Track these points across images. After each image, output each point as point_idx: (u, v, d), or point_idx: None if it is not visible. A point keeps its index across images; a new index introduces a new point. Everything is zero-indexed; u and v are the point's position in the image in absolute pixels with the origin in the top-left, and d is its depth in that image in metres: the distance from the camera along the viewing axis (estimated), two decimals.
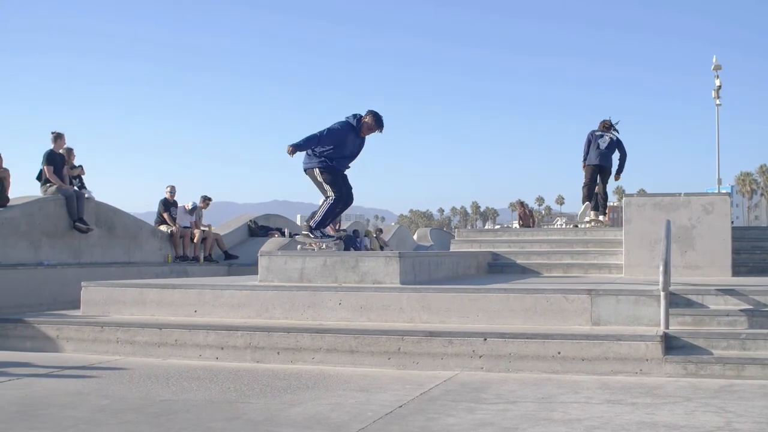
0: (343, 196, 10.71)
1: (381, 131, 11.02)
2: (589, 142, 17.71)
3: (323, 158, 10.62)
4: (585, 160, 17.79)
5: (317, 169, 10.66)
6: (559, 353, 7.76)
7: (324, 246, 10.76)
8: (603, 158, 17.62)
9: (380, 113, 10.94)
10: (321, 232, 10.90)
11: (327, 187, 10.65)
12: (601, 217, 18.33)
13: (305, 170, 10.83)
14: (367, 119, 10.85)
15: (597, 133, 17.70)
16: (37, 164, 17.32)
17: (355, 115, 10.90)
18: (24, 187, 17.76)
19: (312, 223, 10.80)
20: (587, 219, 18.37)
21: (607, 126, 17.85)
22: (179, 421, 5.87)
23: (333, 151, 10.63)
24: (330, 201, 10.67)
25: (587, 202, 18.00)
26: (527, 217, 35.28)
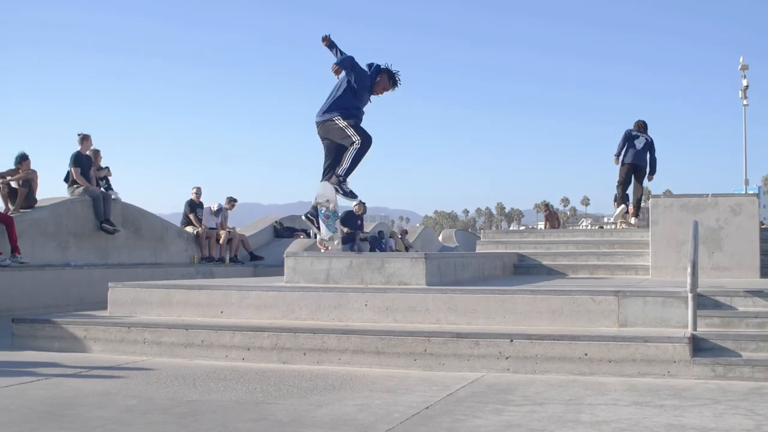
0: (367, 139, 10.20)
1: (394, 89, 10.63)
2: (625, 140, 17.64)
3: (342, 108, 10.18)
4: (619, 155, 17.73)
5: (338, 117, 10.15)
6: (586, 355, 7.73)
7: (331, 241, 10.65)
8: (638, 158, 17.59)
9: (392, 69, 10.50)
10: (347, 188, 10.44)
11: (351, 131, 10.13)
12: (632, 219, 18.27)
13: (323, 122, 10.25)
14: (381, 79, 10.45)
15: (633, 133, 17.63)
16: (64, 166, 17.44)
17: (370, 66, 10.47)
18: (51, 188, 17.88)
19: (341, 172, 10.25)
20: (617, 219, 18.33)
21: (642, 126, 17.79)
22: (206, 422, 5.88)
23: (351, 102, 10.22)
24: (356, 146, 10.14)
25: (623, 205, 17.92)
26: (553, 219, 35.21)
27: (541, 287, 9.43)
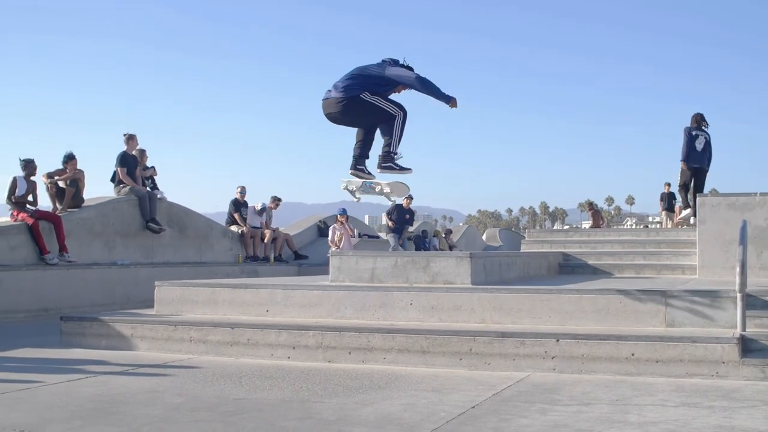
0: (405, 110, 9.32)
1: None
2: (689, 140, 17.30)
3: (369, 86, 9.20)
4: (685, 160, 17.38)
5: (366, 93, 9.13)
6: (632, 355, 7.67)
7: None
8: (700, 160, 17.29)
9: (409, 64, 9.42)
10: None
11: (387, 104, 9.22)
12: (692, 220, 18.09)
13: (349, 99, 9.12)
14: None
15: (693, 133, 17.32)
16: (111, 166, 17.60)
17: (394, 62, 9.37)
18: (98, 188, 18.08)
19: (393, 149, 9.34)
20: (680, 218, 18.13)
21: (699, 120, 17.43)
22: (252, 420, 5.91)
23: (378, 86, 9.24)
24: (400, 117, 9.30)
25: (688, 209, 17.67)
26: (597, 217, 35.03)
27: (587, 287, 9.38)
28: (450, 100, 8.95)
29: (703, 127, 17.41)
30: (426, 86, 9.05)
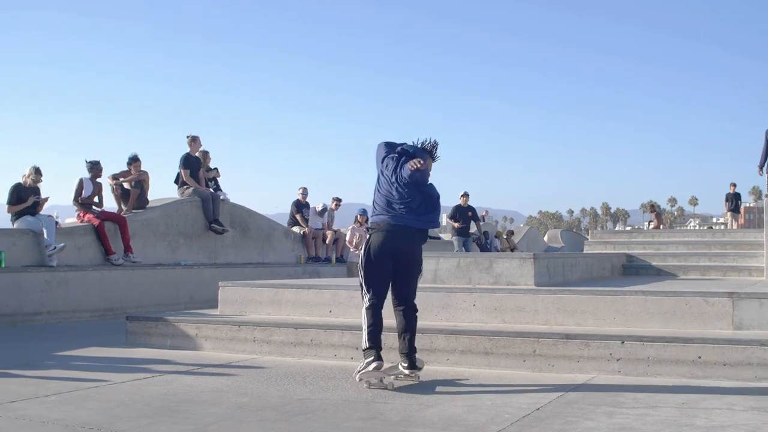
0: None
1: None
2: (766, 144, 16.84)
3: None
4: (762, 166, 16.90)
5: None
6: (699, 358, 7.56)
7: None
8: None
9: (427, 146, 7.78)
10: None
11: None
12: None
13: (426, 235, 7.77)
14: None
15: None
16: (174, 167, 17.79)
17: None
18: (162, 189, 18.28)
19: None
20: None
21: None
22: (317, 420, 5.94)
23: None
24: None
25: None
26: (659, 219, 34.73)
27: (652, 288, 9.28)
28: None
29: None
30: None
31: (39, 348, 10.07)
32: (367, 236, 7.63)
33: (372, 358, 7.17)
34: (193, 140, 17.77)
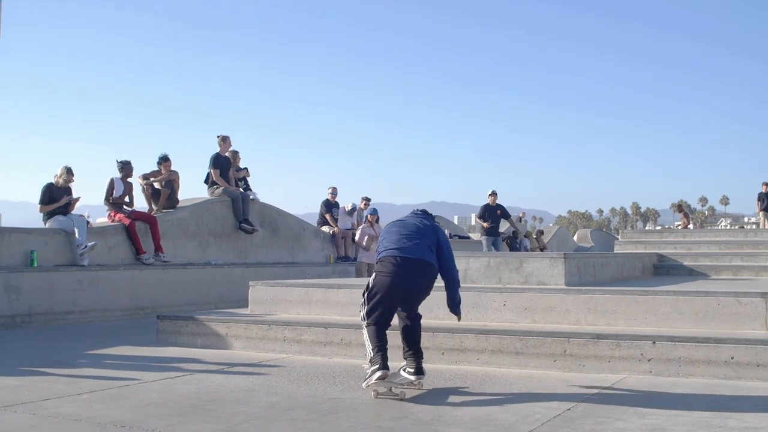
0: None
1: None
2: None
3: None
4: None
5: None
6: (732, 358, 7.49)
7: None
8: None
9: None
10: None
11: None
12: None
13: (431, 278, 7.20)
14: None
15: None
16: (204, 167, 17.87)
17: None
18: (192, 189, 18.38)
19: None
20: None
21: None
22: (347, 419, 5.94)
23: None
24: None
25: None
26: (687, 219, 34.62)
27: (684, 288, 9.21)
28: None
29: None
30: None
31: (71, 347, 10.15)
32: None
33: (377, 366, 6.75)
34: (223, 140, 17.85)
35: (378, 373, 6.69)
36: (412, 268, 6.93)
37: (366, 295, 7.07)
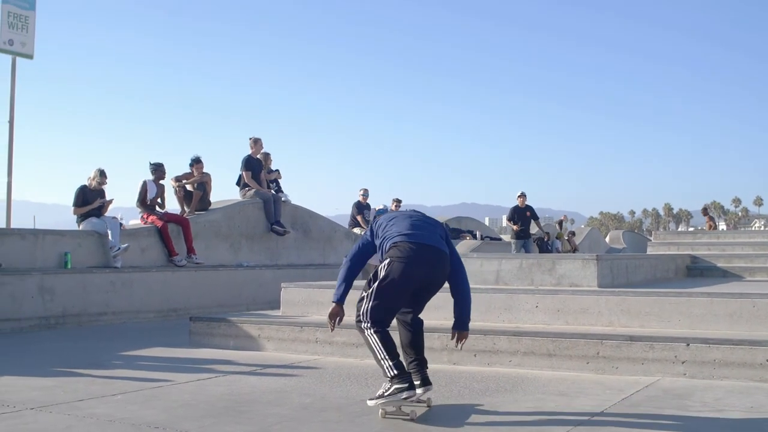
0: None
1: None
2: None
3: None
4: None
5: None
6: (767, 361, 7.43)
7: None
8: None
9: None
10: None
11: None
12: None
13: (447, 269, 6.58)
14: None
15: None
16: (236, 169, 17.94)
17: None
18: (224, 191, 18.52)
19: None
20: None
21: None
22: (380, 422, 5.93)
23: None
24: None
25: None
26: (712, 222, 34.41)
27: (718, 290, 9.15)
28: None
29: None
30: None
31: (105, 348, 10.21)
32: None
33: (406, 384, 5.99)
34: (255, 142, 17.92)
35: (405, 393, 5.96)
36: (432, 255, 6.27)
37: (374, 285, 6.31)
